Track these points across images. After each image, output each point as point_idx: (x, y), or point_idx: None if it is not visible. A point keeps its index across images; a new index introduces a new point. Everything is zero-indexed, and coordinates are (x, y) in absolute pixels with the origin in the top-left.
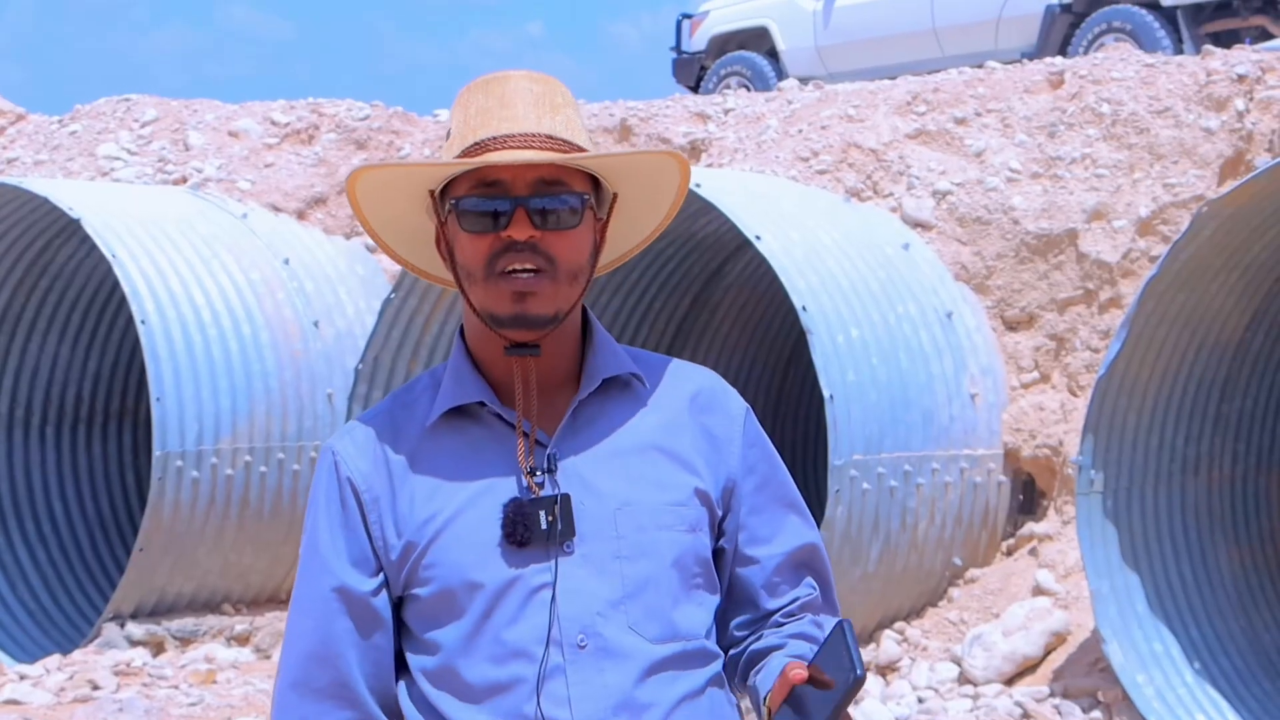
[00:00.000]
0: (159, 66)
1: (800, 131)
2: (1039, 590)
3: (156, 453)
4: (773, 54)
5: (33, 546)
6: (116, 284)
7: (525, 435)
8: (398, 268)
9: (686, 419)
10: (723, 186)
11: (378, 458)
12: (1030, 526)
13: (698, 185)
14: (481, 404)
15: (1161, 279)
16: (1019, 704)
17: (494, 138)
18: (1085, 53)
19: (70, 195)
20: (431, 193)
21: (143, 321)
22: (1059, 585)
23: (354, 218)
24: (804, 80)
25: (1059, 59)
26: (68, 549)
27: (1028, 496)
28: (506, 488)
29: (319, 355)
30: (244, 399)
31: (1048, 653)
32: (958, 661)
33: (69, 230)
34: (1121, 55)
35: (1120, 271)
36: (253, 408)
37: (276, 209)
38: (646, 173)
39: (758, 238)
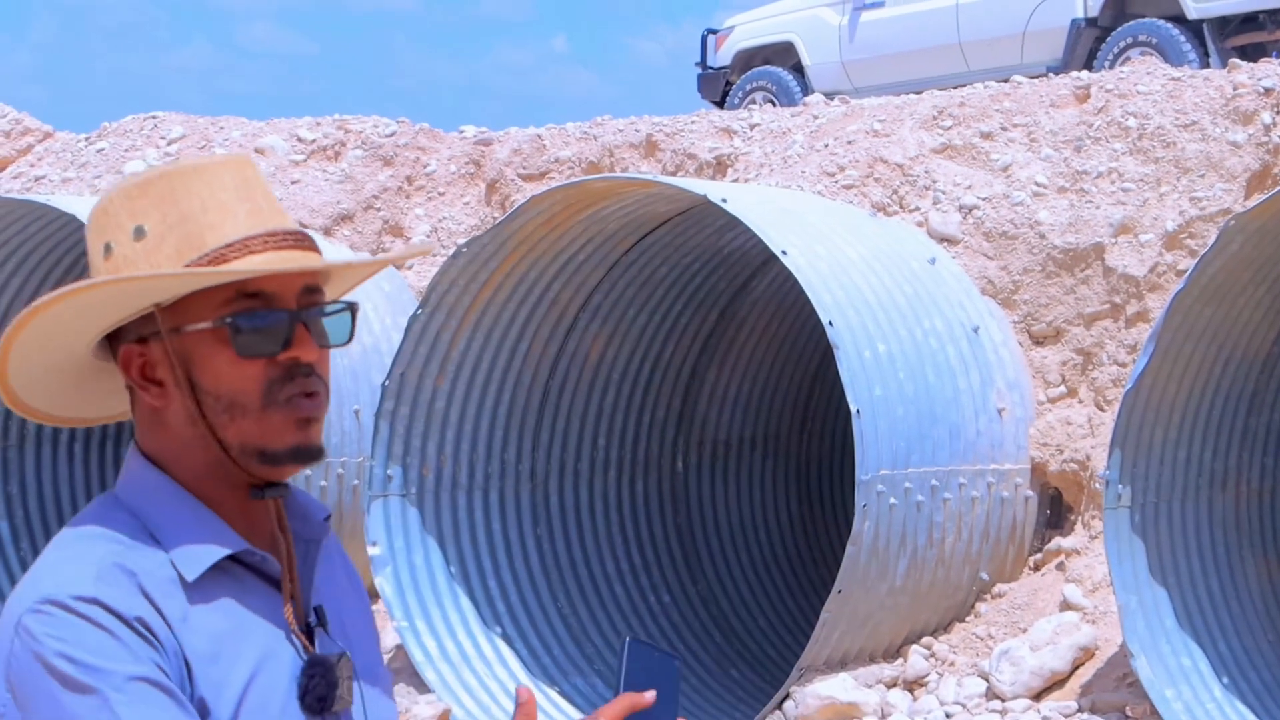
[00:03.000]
0: (182, 85)
1: (826, 146)
2: (1067, 605)
3: None
4: (798, 69)
5: None
6: None
7: (291, 595)
8: (424, 284)
9: (344, 561)
10: (749, 201)
11: (149, 606)
12: (1058, 541)
13: (724, 200)
14: (248, 551)
15: (1189, 293)
16: (1047, 719)
17: (252, 237)
18: (1111, 67)
19: None
20: (158, 307)
21: None
22: (1087, 600)
23: (381, 233)
24: (830, 95)
25: (1085, 73)
26: None
27: (1055, 511)
28: (284, 649)
29: (345, 371)
30: None
31: (1075, 668)
32: (985, 677)
33: None
34: (1147, 69)
35: (1147, 285)
36: None
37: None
38: (365, 277)
39: (784, 252)
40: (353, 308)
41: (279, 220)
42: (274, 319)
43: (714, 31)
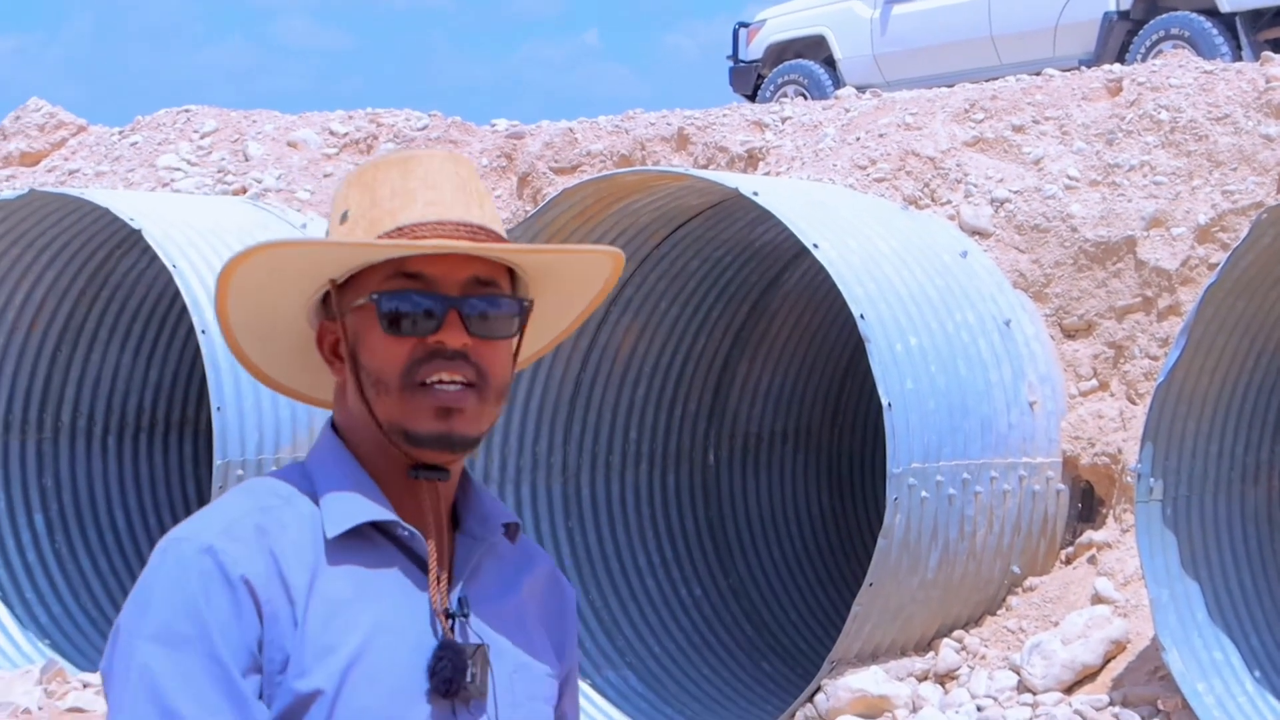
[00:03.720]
0: (216, 80)
1: (858, 139)
2: (1098, 598)
3: (217, 462)
4: (830, 62)
5: (95, 555)
6: (177, 294)
7: (439, 575)
8: None
9: (543, 586)
10: (780, 195)
11: (270, 565)
12: (1089, 534)
13: (755, 193)
14: (374, 525)
15: (1221, 286)
16: (1078, 712)
17: (421, 223)
18: (1143, 60)
19: (131, 206)
20: (333, 282)
21: (203, 331)
22: (1118, 593)
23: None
24: (861, 88)
25: (1117, 66)
26: (129, 558)
27: (1086, 504)
28: (410, 626)
29: None
30: (303, 408)
31: (1107, 661)
32: (1016, 670)
33: (130, 241)
34: (1180, 62)
35: (1179, 279)
36: (312, 417)
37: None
38: (579, 274)
39: (815, 246)
40: (524, 305)
41: (460, 213)
42: (423, 301)
43: (745, 25)
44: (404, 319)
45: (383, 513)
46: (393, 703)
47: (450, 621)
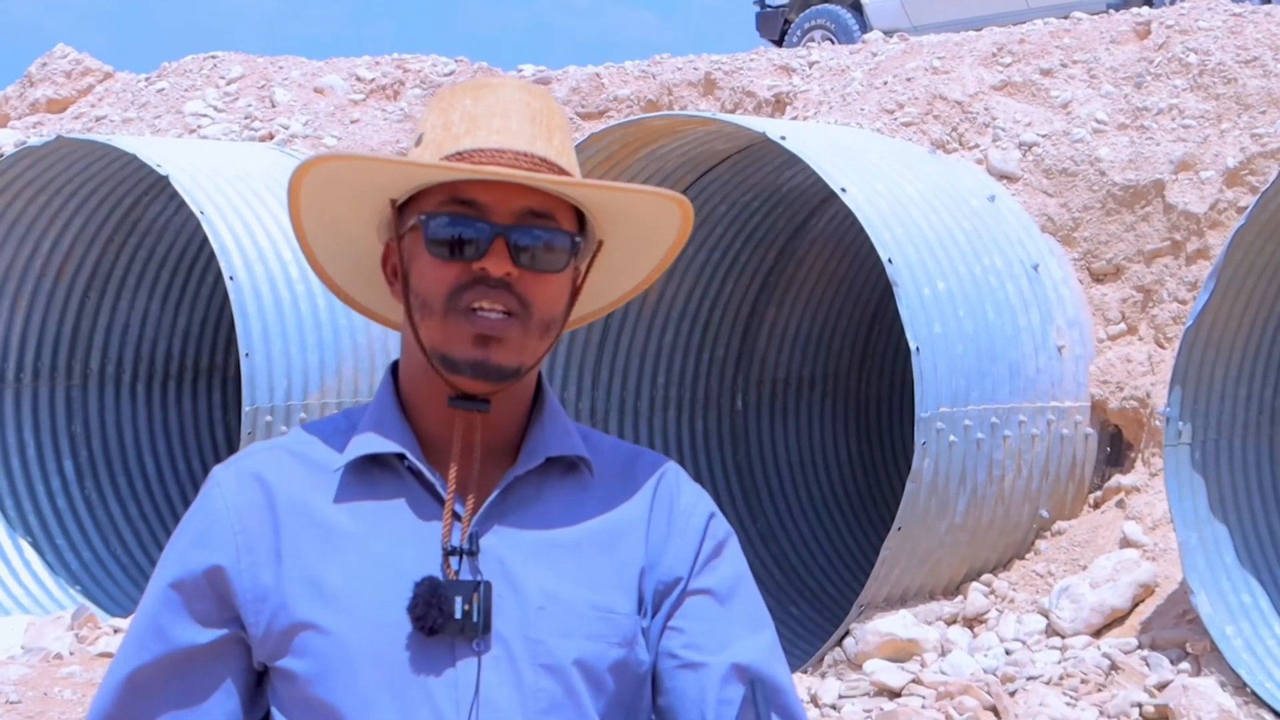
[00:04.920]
0: (242, 26)
1: (885, 84)
2: (1126, 542)
3: (246, 408)
4: (856, 7)
5: (125, 502)
6: (205, 240)
7: (455, 510)
8: None
9: (636, 514)
10: (808, 139)
11: (264, 498)
12: (1117, 479)
13: (783, 137)
14: (401, 457)
15: (1249, 229)
16: (1107, 655)
17: (481, 150)
18: (1172, 2)
19: (158, 153)
20: (393, 202)
21: (231, 277)
22: (1146, 537)
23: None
24: (888, 33)
25: (1145, 9)
26: (159, 504)
27: (1115, 449)
28: (414, 562)
29: None
30: (332, 354)
31: (1135, 604)
32: (1045, 614)
33: (158, 187)
34: (1208, 4)
35: (1208, 222)
36: (340, 363)
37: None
38: (646, 217)
39: (843, 190)
40: (575, 240)
41: (523, 144)
42: (469, 227)
43: None
44: (449, 243)
45: (384, 446)
46: (381, 638)
47: (457, 558)
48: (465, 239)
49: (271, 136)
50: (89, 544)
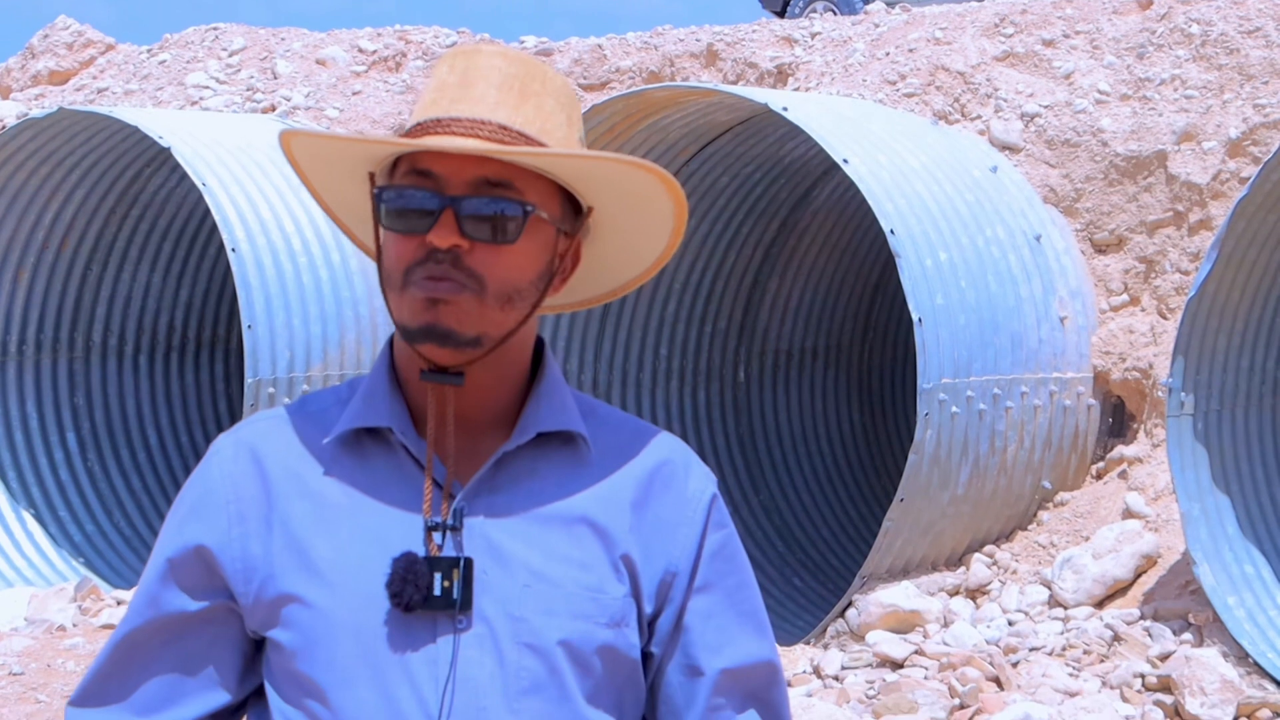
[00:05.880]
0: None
1: (887, 55)
2: (1129, 513)
3: (248, 380)
4: None
5: (127, 474)
6: (207, 212)
7: (437, 483)
8: None
9: (633, 495)
10: (810, 110)
11: (257, 467)
12: (1120, 449)
13: (785, 109)
14: (391, 430)
15: (1252, 200)
16: (1109, 626)
17: (438, 120)
18: None
19: (160, 124)
20: (372, 176)
21: (233, 249)
22: (1149, 508)
23: None
24: (890, 3)
25: None
26: (161, 476)
27: (1117, 419)
28: (400, 536)
29: None
30: (334, 326)
31: (1138, 575)
32: (1048, 585)
33: (159, 159)
34: None
35: (1210, 193)
36: (343, 334)
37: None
38: (622, 186)
39: (845, 161)
40: (527, 208)
41: (484, 111)
42: (415, 198)
43: None
44: (398, 215)
45: (373, 419)
46: (363, 613)
47: (440, 533)
48: (413, 210)
49: (273, 108)
50: (92, 516)
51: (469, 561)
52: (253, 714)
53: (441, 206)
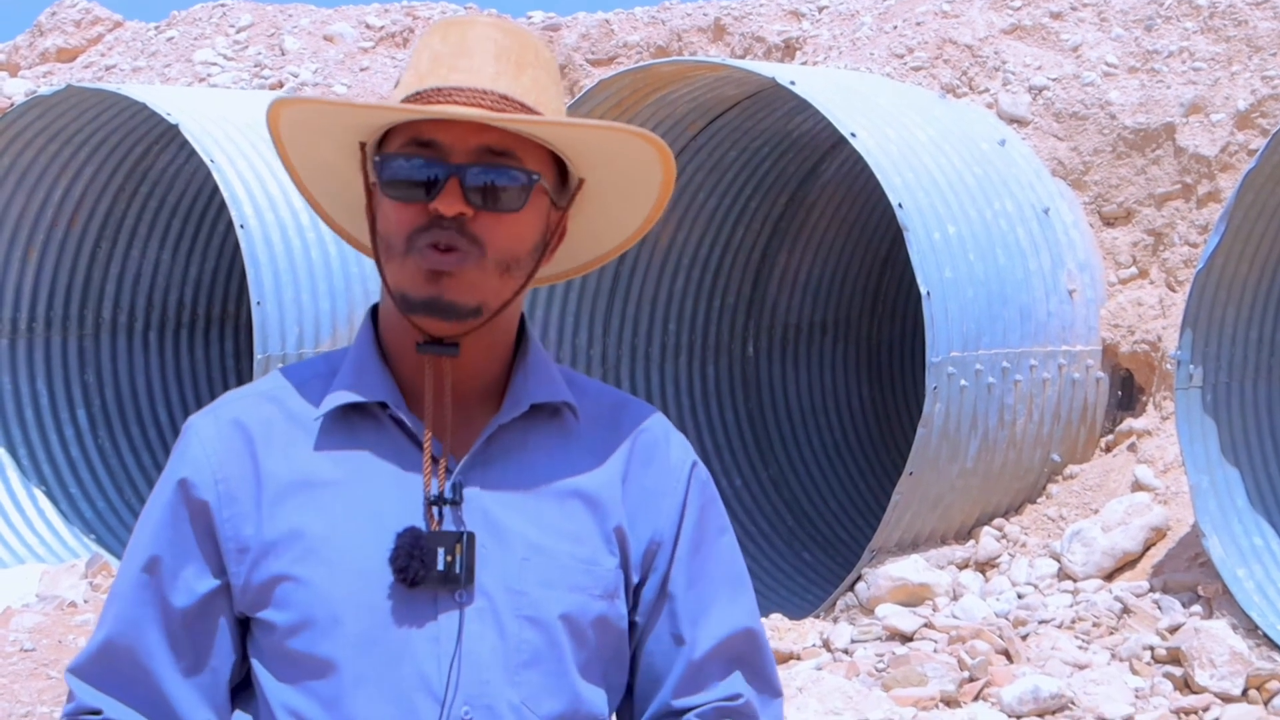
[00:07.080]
0: None
1: (895, 28)
2: (1138, 486)
3: (258, 356)
4: None
5: (138, 450)
6: (216, 189)
7: (434, 457)
8: None
9: (620, 466)
10: (817, 84)
11: (243, 446)
12: (1129, 422)
13: (792, 83)
14: (383, 405)
15: (1260, 172)
16: (1119, 599)
17: (438, 89)
18: None
19: (168, 101)
20: (362, 146)
21: (242, 226)
22: (1158, 481)
23: None
24: None
25: None
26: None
27: (1126, 392)
28: (396, 512)
29: None
30: (343, 302)
31: (1147, 548)
32: (1057, 558)
33: (168, 136)
34: None
35: (1218, 165)
36: (352, 310)
37: None
38: (619, 158)
39: (853, 135)
40: (532, 177)
41: (484, 81)
42: (420, 167)
43: None
44: (403, 184)
45: (366, 394)
46: (360, 589)
47: (439, 508)
48: (418, 179)
49: (281, 85)
50: (102, 492)
51: (471, 536)
52: (238, 696)
53: (447, 175)
